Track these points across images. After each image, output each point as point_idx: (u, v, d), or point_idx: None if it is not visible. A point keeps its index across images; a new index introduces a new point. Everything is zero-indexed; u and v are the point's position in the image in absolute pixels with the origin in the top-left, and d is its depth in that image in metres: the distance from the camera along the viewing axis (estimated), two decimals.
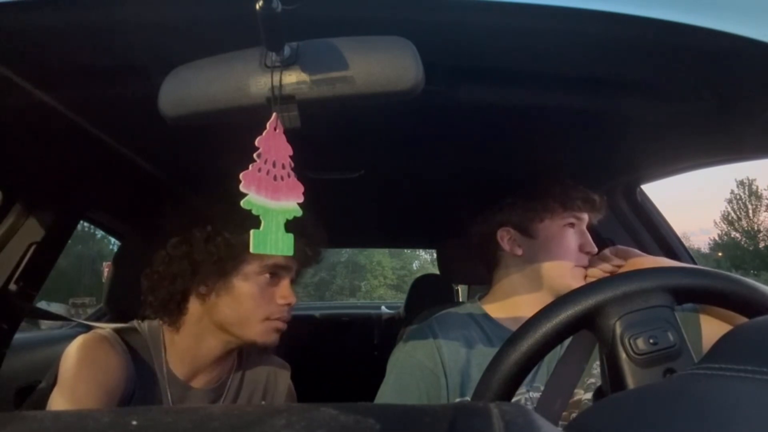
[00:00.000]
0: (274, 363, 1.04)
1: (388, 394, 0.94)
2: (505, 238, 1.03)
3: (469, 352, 0.94)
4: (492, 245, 1.05)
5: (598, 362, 0.93)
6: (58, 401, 0.79)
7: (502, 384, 0.54)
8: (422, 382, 0.91)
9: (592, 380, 0.93)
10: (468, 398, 0.90)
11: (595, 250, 0.99)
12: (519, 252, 1.02)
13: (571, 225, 0.99)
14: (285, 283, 0.89)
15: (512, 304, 1.01)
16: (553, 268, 0.98)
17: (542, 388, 0.80)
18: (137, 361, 0.87)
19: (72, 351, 0.82)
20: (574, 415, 0.90)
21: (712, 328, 0.83)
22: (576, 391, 0.90)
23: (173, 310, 0.89)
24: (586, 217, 1.01)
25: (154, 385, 0.88)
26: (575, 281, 0.96)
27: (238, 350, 0.98)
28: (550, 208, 0.99)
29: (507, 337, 0.95)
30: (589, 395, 0.91)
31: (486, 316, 1.01)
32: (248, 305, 0.86)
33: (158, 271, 0.89)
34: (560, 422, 0.87)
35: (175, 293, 0.88)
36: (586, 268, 0.98)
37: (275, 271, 0.88)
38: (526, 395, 0.90)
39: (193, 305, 0.89)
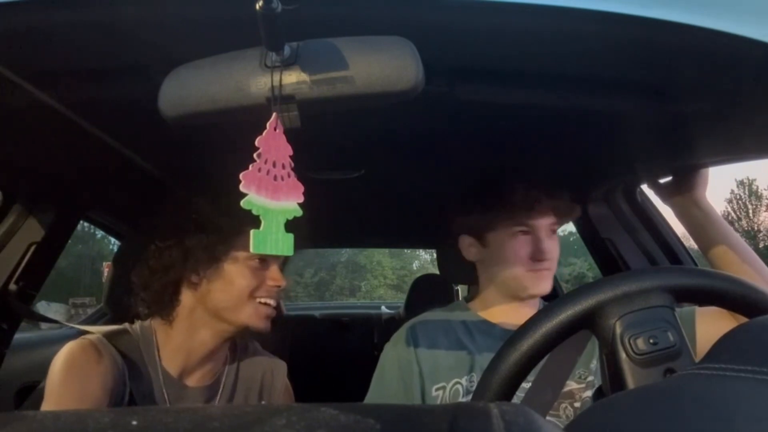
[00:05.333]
0: (271, 361, 1.05)
1: (373, 383, 1.03)
2: (465, 245, 1.05)
3: (445, 343, 0.99)
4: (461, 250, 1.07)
5: (596, 360, 0.94)
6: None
7: (502, 384, 0.54)
8: (399, 371, 0.99)
9: (591, 377, 0.93)
10: (443, 383, 0.96)
11: (546, 257, 0.97)
12: (477, 259, 1.04)
13: (524, 232, 0.98)
14: (274, 267, 0.92)
15: (492, 305, 1.04)
16: (507, 275, 0.98)
17: (530, 378, 0.80)
18: (129, 364, 0.87)
19: (57, 360, 0.83)
20: (564, 405, 0.91)
21: (708, 328, 0.83)
22: (569, 382, 0.90)
23: (166, 303, 0.90)
24: (539, 223, 0.98)
25: (150, 386, 0.88)
26: (532, 283, 0.97)
27: (231, 345, 0.99)
28: (498, 217, 0.98)
29: (488, 329, 0.99)
30: (588, 393, 0.91)
31: (469, 312, 1.04)
32: (240, 286, 0.88)
33: (150, 266, 0.90)
34: (551, 412, 0.87)
35: (168, 285, 0.89)
36: (543, 270, 0.97)
37: (264, 256, 0.90)
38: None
39: (186, 296, 0.91)
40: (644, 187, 1.39)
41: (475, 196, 1.03)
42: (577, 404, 0.91)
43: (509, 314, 1.00)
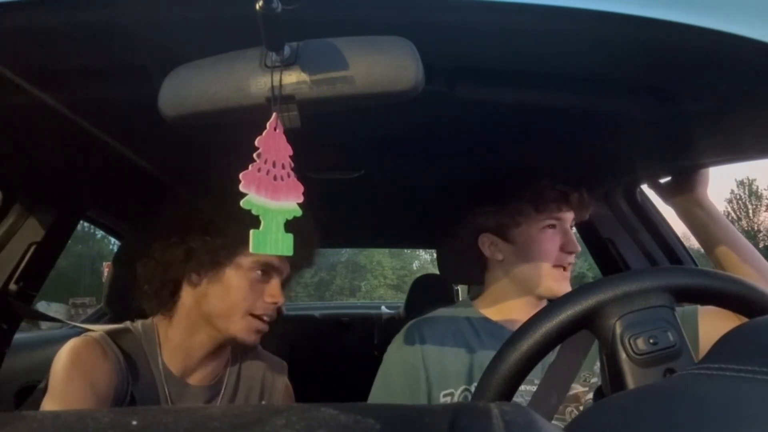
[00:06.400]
0: (271, 361, 1.05)
1: (376, 387, 1.00)
2: (486, 243, 1.04)
3: (453, 346, 0.97)
4: (477, 249, 1.05)
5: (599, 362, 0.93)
6: (48, 407, 0.79)
7: (502, 384, 0.54)
8: (404, 375, 0.97)
9: (595, 379, 0.93)
10: (451, 390, 0.94)
11: (578, 249, 0.98)
12: (500, 257, 1.02)
13: (551, 226, 0.98)
14: (275, 283, 0.90)
15: (502, 306, 1.02)
16: (533, 272, 0.98)
17: (536, 381, 0.80)
18: (131, 362, 0.87)
19: (61, 356, 0.83)
20: (570, 408, 0.91)
21: (710, 327, 0.83)
22: (574, 385, 0.90)
23: (166, 298, 0.90)
24: (567, 216, 0.99)
25: (151, 384, 0.88)
26: (556, 283, 0.97)
27: (231, 347, 0.99)
28: (525, 212, 0.98)
29: (497, 331, 0.98)
30: (592, 395, 0.91)
31: (476, 312, 1.03)
32: (236, 297, 0.87)
33: (154, 258, 0.90)
34: (556, 416, 0.87)
35: (168, 282, 0.89)
36: (568, 266, 0.98)
37: (267, 269, 0.89)
38: (521, 387, 0.92)
39: (185, 293, 0.91)
40: (644, 187, 1.40)
41: (495, 193, 1.02)
42: (582, 407, 0.91)
43: (522, 313, 0.99)
